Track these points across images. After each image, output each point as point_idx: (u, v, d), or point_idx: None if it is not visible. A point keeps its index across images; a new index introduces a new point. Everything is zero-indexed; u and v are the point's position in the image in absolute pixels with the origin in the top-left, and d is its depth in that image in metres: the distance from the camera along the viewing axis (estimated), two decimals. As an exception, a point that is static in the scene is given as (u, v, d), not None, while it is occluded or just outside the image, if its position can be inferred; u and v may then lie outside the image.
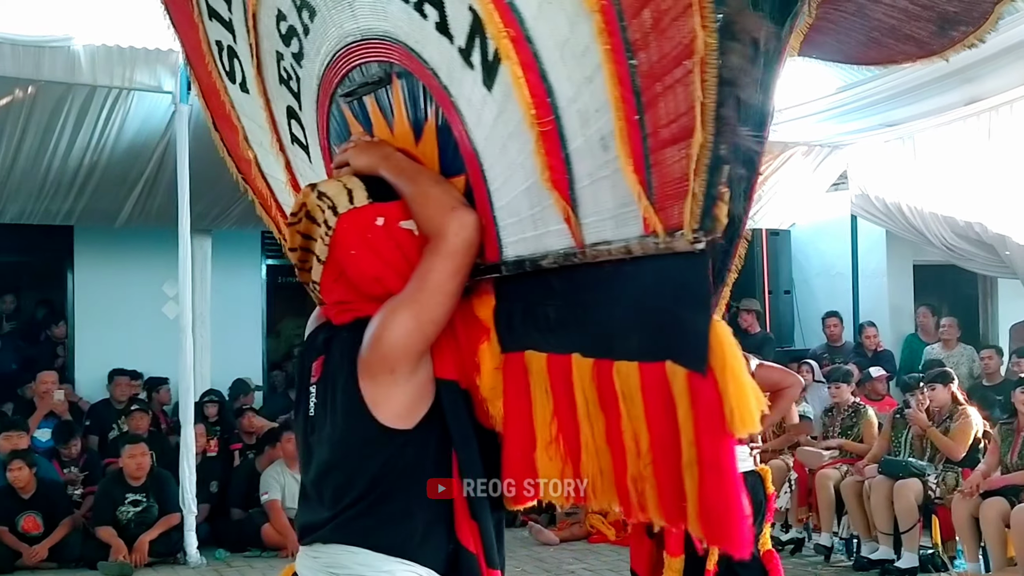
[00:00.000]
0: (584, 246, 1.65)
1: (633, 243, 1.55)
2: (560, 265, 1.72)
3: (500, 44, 1.60)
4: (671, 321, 1.52)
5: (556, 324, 1.75)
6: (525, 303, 1.83)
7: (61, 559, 6.91)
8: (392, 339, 1.79)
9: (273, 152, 2.51)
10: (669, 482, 1.53)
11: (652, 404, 1.55)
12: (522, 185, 1.74)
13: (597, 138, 1.54)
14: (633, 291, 1.59)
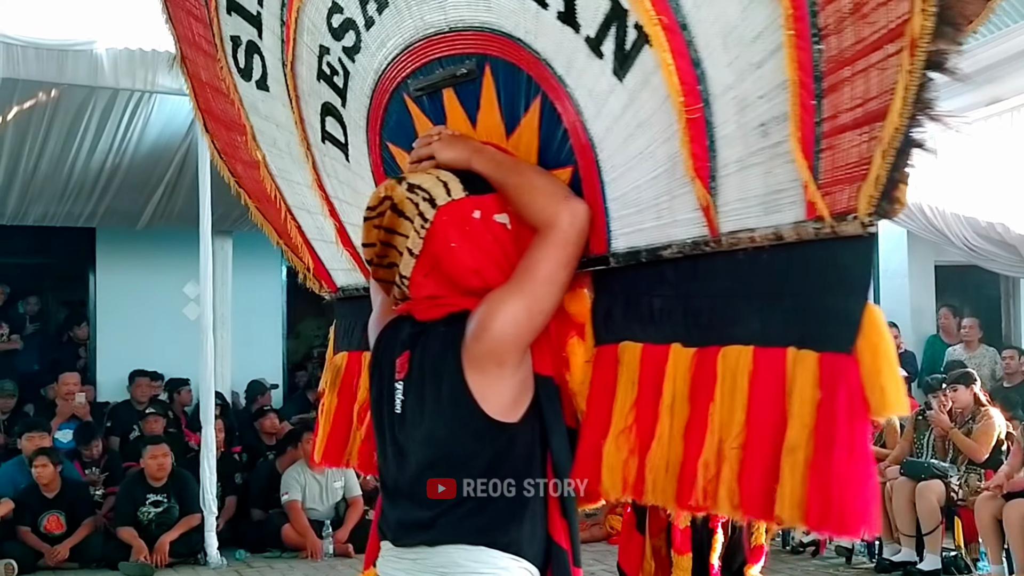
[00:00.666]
0: (719, 234, 1.64)
1: (786, 229, 1.55)
2: (685, 255, 1.71)
3: (651, 31, 1.58)
4: (812, 305, 1.51)
5: (660, 314, 1.74)
6: (628, 294, 1.81)
7: (82, 559, 6.88)
8: (502, 330, 1.75)
9: (294, 152, 2.44)
10: (757, 466, 1.52)
11: (759, 387, 1.54)
12: (647, 175, 1.72)
13: (755, 124, 1.54)
14: (769, 277, 1.59)
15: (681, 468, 1.64)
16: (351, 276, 2.61)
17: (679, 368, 1.68)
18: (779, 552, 7.15)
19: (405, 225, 1.83)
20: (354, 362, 2.53)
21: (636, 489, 1.72)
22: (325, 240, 2.60)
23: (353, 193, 2.36)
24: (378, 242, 1.88)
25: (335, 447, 2.51)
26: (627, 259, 1.81)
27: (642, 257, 1.78)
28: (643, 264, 1.78)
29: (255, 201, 2.73)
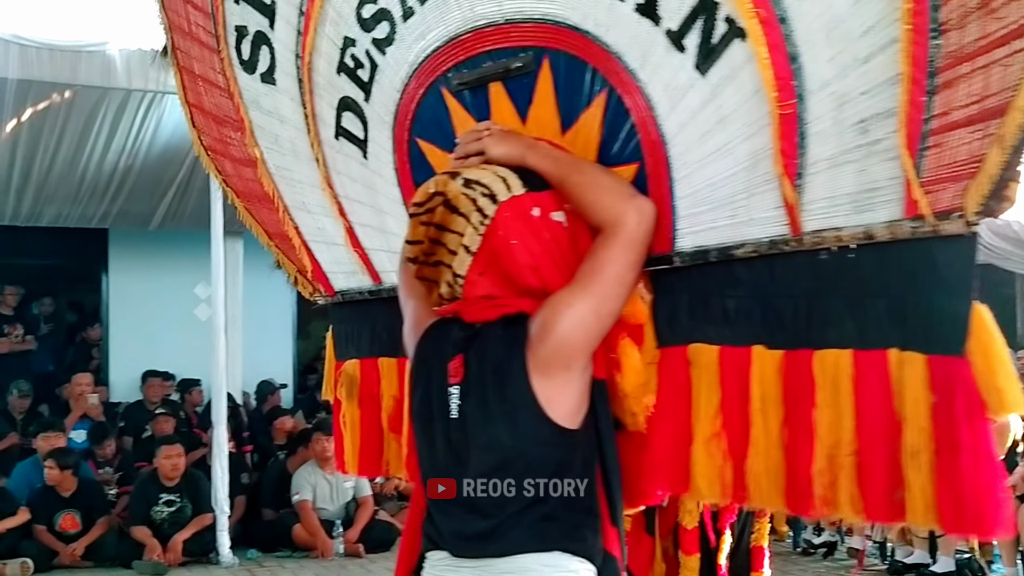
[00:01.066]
0: (802, 233, 1.60)
1: (878, 228, 1.51)
2: (760, 254, 1.66)
3: (749, 25, 1.53)
4: (912, 306, 1.49)
5: (736, 315, 1.70)
6: (695, 295, 1.76)
7: (97, 558, 6.87)
8: (571, 333, 1.69)
9: (299, 149, 2.32)
10: (877, 471, 1.50)
11: (865, 392, 1.52)
12: (724, 172, 1.67)
13: (854, 121, 1.50)
14: (858, 278, 1.55)
15: (788, 475, 1.60)
16: (354, 279, 2.50)
17: (765, 371, 1.64)
18: (790, 554, 7.16)
19: (459, 222, 1.74)
20: (370, 369, 2.44)
21: (737, 494, 1.68)
22: (327, 242, 2.49)
23: (368, 191, 2.26)
24: (426, 239, 1.79)
25: (370, 457, 2.44)
26: (694, 258, 1.76)
27: (711, 256, 1.73)
28: (711, 264, 1.73)
29: (244, 200, 2.60)
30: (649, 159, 1.76)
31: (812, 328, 1.60)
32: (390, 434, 2.37)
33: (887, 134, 1.48)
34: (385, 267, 2.37)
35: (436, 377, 1.81)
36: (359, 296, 2.48)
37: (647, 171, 1.77)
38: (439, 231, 1.77)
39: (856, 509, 1.53)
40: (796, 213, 1.60)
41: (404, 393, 2.26)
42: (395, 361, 2.36)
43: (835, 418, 1.55)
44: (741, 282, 1.71)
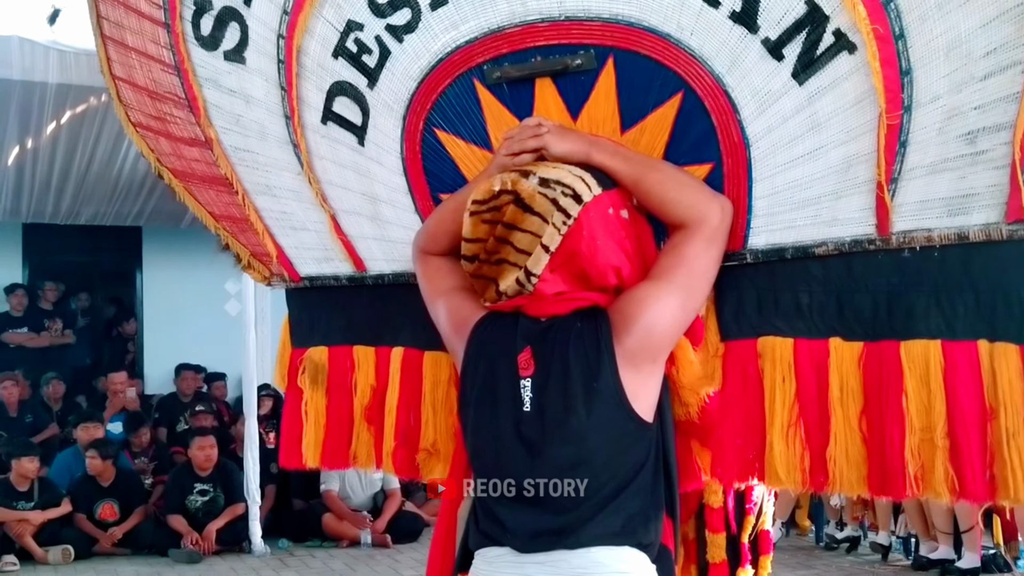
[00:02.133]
0: (890, 234, 1.67)
1: (973, 230, 1.60)
2: (840, 252, 1.71)
3: (864, 40, 1.55)
4: (1002, 300, 1.59)
5: (810, 309, 1.75)
6: (763, 290, 1.79)
7: (134, 546, 6.88)
8: (661, 326, 1.68)
9: (269, 130, 2.15)
10: (972, 453, 1.60)
11: (956, 379, 1.61)
12: (811, 174, 1.70)
13: (961, 133, 1.56)
14: (944, 274, 1.63)
15: (874, 459, 1.67)
16: (328, 266, 2.34)
17: (844, 361, 1.71)
18: (813, 548, 6.99)
19: (533, 221, 1.67)
20: (342, 357, 2.31)
21: (816, 480, 1.73)
22: (293, 226, 2.31)
23: (359, 178, 2.12)
24: (491, 237, 1.71)
25: (336, 448, 2.30)
26: (767, 256, 1.78)
27: (787, 254, 1.76)
28: (783, 261, 1.77)
29: (182, 180, 2.38)
30: (728, 159, 1.75)
31: (895, 321, 1.67)
32: (364, 425, 2.27)
33: (995, 145, 1.55)
34: (374, 255, 2.24)
35: (501, 371, 1.73)
36: (334, 283, 2.34)
37: (724, 171, 1.76)
38: (507, 229, 1.70)
39: (951, 488, 1.62)
40: (887, 215, 1.66)
41: (385, 383, 2.20)
42: (372, 350, 2.26)
43: (926, 404, 1.63)
44: (814, 278, 1.75)
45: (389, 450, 2.20)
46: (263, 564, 6.74)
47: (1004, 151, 1.55)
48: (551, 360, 1.69)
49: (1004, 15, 1.47)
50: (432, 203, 2.04)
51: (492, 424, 1.73)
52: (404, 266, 2.17)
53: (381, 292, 2.23)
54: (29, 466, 6.70)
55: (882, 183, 1.63)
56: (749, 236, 1.79)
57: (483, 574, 1.74)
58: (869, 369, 1.69)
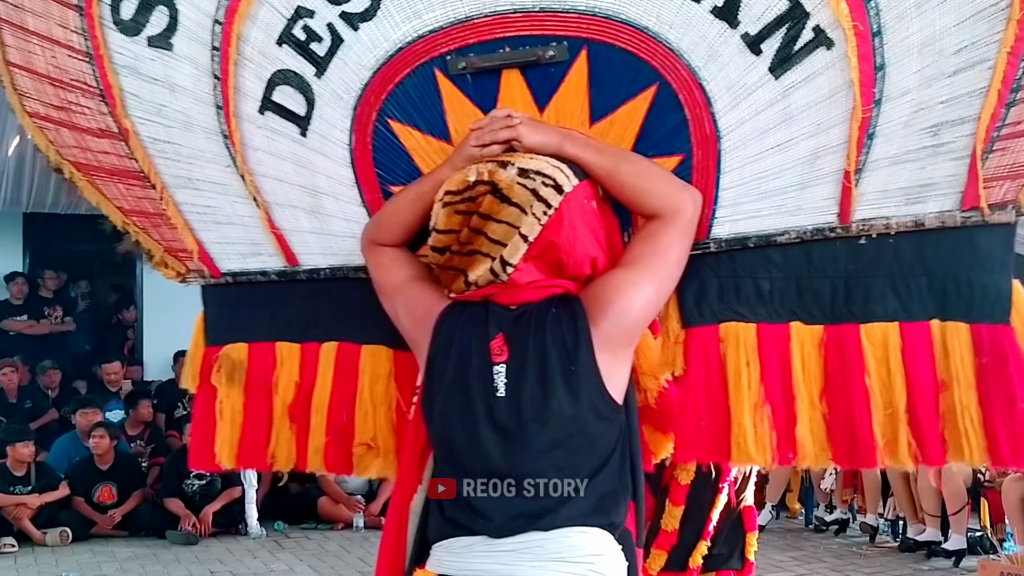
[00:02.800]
0: (851, 222, 1.73)
1: (929, 218, 1.70)
2: (803, 241, 1.77)
3: (843, 36, 1.59)
4: (952, 283, 1.70)
5: (771, 295, 1.80)
6: (724, 277, 1.82)
7: (132, 528, 6.94)
8: (638, 312, 1.70)
9: (196, 120, 2.03)
10: (931, 424, 1.71)
11: (913, 358, 1.72)
12: (779, 165, 1.73)
13: (926, 126, 1.64)
14: (898, 259, 1.72)
15: (843, 434, 1.75)
16: (254, 260, 2.21)
17: (805, 344, 1.77)
18: (802, 531, 7.06)
19: (510, 212, 1.64)
20: (263, 354, 2.19)
21: (783, 456, 1.79)
22: (216, 220, 2.18)
23: (299, 170, 2.02)
24: (465, 228, 1.68)
25: (253, 447, 2.19)
26: (730, 244, 1.81)
27: (750, 243, 1.80)
28: (746, 249, 1.80)
29: (87, 174, 2.20)
30: (698, 151, 1.76)
31: (853, 305, 1.75)
32: (285, 423, 2.17)
33: (956, 138, 1.63)
34: (309, 249, 2.13)
35: (474, 357, 1.69)
36: (260, 278, 2.21)
37: (694, 163, 1.77)
38: (483, 220, 1.66)
39: (913, 455, 1.72)
40: (848, 204, 1.72)
41: (311, 380, 2.13)
42: (298, 347, 2.17)
43: (887, 382, 1.73)
44: (775, 265, 1.80)
45: (318, 447, 2.12)
46: (259, 546, 6.79)
47: (965, 143, 1.63)
48: (527, 345, 1.67)
49: (979, 15, 1.54)
50: (381, 195, 1.97)
51: (463, 412, 1.69)
52: (344, 260, 2.10)
53: (315, 287, 2.15)
54: (23, 451, 6.73)
55: (850, 173, 1.68)
56: (714, 225, 1.81)
57: (449, 565, 1.69)
58: (830, 351, 1.76)
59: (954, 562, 5.91)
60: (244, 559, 6.37)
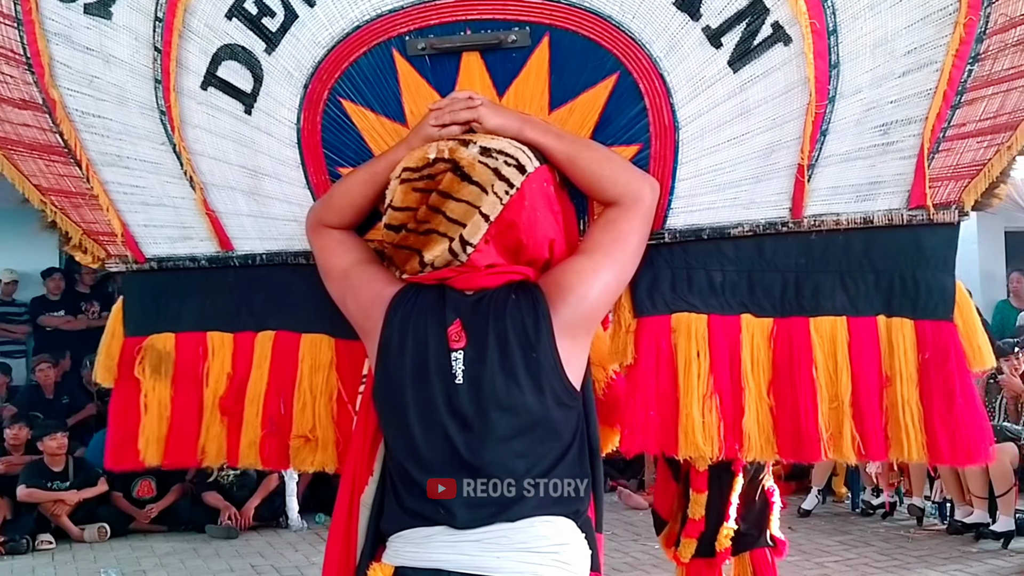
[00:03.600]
0: (803, 216, 1.77)
1: (878, 215, 1.74)
2: (755, 234, 1.79)
3: (801, 33, 1.63)
4: (899, 281, 1.75)
5: (723, 287, 1.82)
6: (677, 269, 1.83)
7: (171, 523, 6.86)
8: (598, 298, 1.69)
9: (132, 94, 1.93)
10: (874, 418, 1.75)
11: (860, 352, 1.76)
12: (735, 158, 1.75)
13: (876, 124, 1.69)
14: (847, 256, 1.77)
15: (789, 427, 1.76)
16: (183, 245, 2.11)
17: (755, 337, 1.80)
18: (849, 515, 6.92)
19: (470, 191, 1.62)
20: (192, 344, 2.10)
21: (730, 448, 1.79)
22: (145, 201, 2.08)
23: (240, 150, 1.94)
24: (422, 206, 1.64)
25: (182, 443, 2.09)
26: (684, 236, 1.82)
27: (704, 235, 1.81)
28: (699, 241, 1.81)
29: (5, 148, 2.07)
30: (657, 142, 1.77)
31: (803, 299, 1.79)
32: (216, 417, 2.08)
33: (904, 137, 1.69)
34: (246, 233, 2.05)
35: (431, 344, 1.65)
36: (189, 264, 2.11)
37: (652, 152, 1.78)
38: (442, 198, 1.63)
39: (856, 449, 1.75)
40: (800, 199, 1.75)
41: (245, 371, 2.05)
42: (231, 336, 2.08)
43: (834, 376, 1.76)
44: (727, 257, 1.82)
45: (253, 441, 2.04)
46: (300, 539, 6.67)
47: (913, 142, 1.69)
48: (486, 331, 1.63)
49: (928, 18, 1.60)
50: (328, 177, 1.91)
51: (421, 400, 1.64)
52: (283, 245, 2.03)
53: (249, 273, 2.06)
54: (51, 444, 6.61)
55: (803, 167, 1.71)
56: (669, 216, 1.82)
57: (408, 556, 1.64)
58: (779, 344, 1.79)
59: (1003, 544, 5.85)
60: (285, 552, 6.27)
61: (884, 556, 5.78)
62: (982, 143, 1.68)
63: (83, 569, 5.96)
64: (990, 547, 5.83)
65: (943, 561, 5.62)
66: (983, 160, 1.68)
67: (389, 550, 1.67)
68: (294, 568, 5.93)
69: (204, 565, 6.04)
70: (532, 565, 1.58)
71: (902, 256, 1.75)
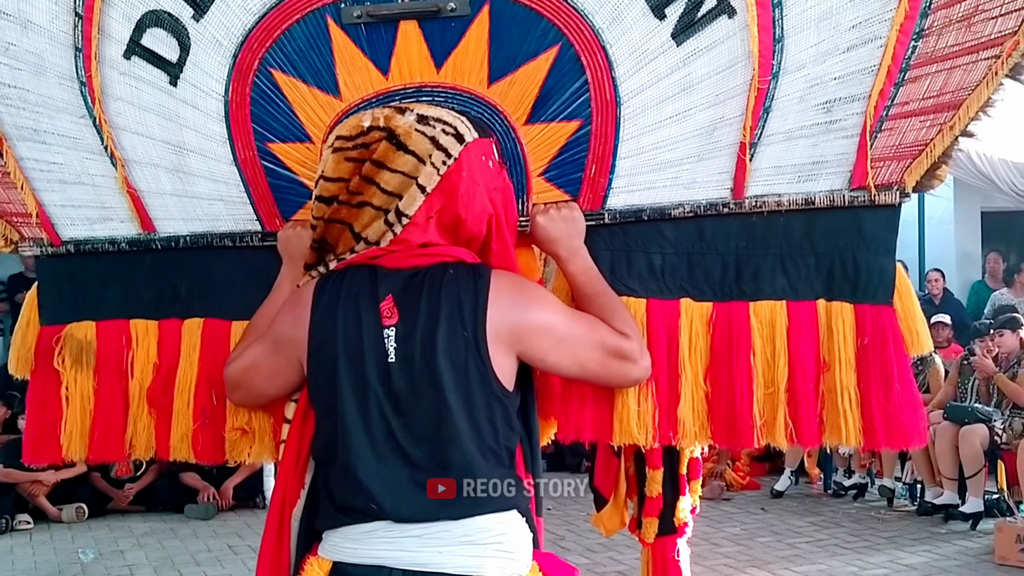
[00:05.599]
0: (744, 197, 1.71)
1: (819, 196, 1.69)
2: (696, 215, 1.73)
3: (745, 4, 1.57)
4: (839, 264, 1.69)
5: (663, 271, 1.76)
6: (617, 251, 1.77)
7: (149, 503, 6.77)
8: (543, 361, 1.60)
9: (49, 64, 1.81)
10: (809, 403, 1.69)
11: (798, 337, 1.70)
12: (677, 136, 1.69)
13: (820, 102, 1.64)
14: (788, 238, 1.71)
15: (724, 413, 1.70)
16: (103, 227, 1.98)
17: (694, 321, 1.73)
18: (821, 495, 6.89)
19: (406, 160, 1.53)
20: (115, 332, 1.97)
21: (664, 435, 1.72)
22: (63, 180, 1.94)
23: (165, 124, 1.83)
24: (356, 176, 1.55)
25: (108, 436, 1.96)
26: (624, 216, 1.76)
27: (644, 215, 1.75)
28: (638, 222, 1.75)
29: None
30: (598, 118, 1.71)
31: (743, 282, 1.73)
32: (143, 409, 1.95)
33: (848, 115, 1.64)
34: (169, 214, 1.93)
35: (364, 321, 1.54)
36: (109, 247, 1.98)
37: (592, 129, 1.71)
38: (376, 168, 1.54)
39: (790, 437, 1.70)
40: (742, 179, 1.70)
41: (172, 360, 1.93)
42: (155, 324, 1.96)
43: (771, 361, 1.71)
44: (667, 240, 1.76)
45: (184, 433, 1.91)
46: None
47: (856, 121, 1.64)
48: (418, 307, 1.54)
49: None
50: (256, 153, 1.79)
51: (354, 382, 1.53)
52: (207, 226, 1.91)
53: (173, 257, 1.94)
54: None
55: (745, 145, 1.66)
56: (609, 196, 1.76)
57: (347, 552, 1.53)
58: (719, 328, 1.73)
59: (971, 525, 5.83)
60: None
61: (854, 537, 5.78)
62: (924, 122, 1.63)
63: (61, 549, 5.90)
64: (959, 528, 5.84)
65: (912, 542, 5.62)
66: (925, 140, 1.63)
67: (326, 543, 1.57)
68: (272, 548, 5.87)
69: (182, 545, 5.96)
70: (476, 558, 1.50)
71: (843, 239, 1.69)
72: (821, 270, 1.70)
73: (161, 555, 5.73)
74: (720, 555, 5.36)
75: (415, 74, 1.70)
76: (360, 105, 1.70)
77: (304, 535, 1.63)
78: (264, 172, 1.81)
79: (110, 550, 5.83)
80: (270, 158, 1.80)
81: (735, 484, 6.98)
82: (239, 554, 5.68)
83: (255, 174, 1.81)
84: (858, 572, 5.05)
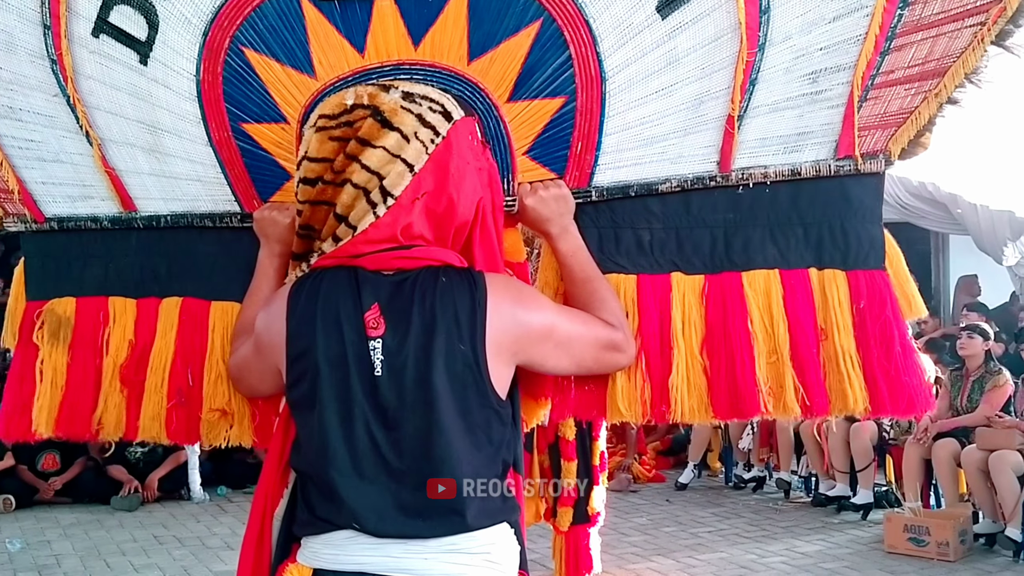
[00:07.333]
0: (730, 170, 1.66)
1: (805, 166, 1.65)
2: (683, 189, 1.68)
3: None
4: (828, 232, 1.65)
5: (651, 246, 1.70)
6: (605, 228, 1.71)
7: (75, 495, 6.69)
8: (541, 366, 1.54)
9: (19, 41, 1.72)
10: (812, 370, 1.64)
11: (795, 304, 1.66)
12: (663, 110, 1.63)
13: (805, 72, 1.59)
14: (775, 209, 1.66)
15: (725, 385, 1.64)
16: (84, 205, 1.91)
17: (686, 294, 1.68)
18: (722, 488, 7.09)
19: (390, 138, 1.45)
20: (93, 309, 1.90)
21: (657, 411, 1.67)
22: (42, 157, 1.87)
23: (137, 104, 1.75)
24: (339, 155, 1.47)
25: (77, 414, 1.88)
26: (612, 193, 1.70)
27: (632, 191, 1.70)
28: (626, 199, 1.69)
29: None
30: (583, 94, 1.63)
31: (733, 254, 1.68)
32: (115, 387, 1.88)
33: (833, 85, 1.59)
34: (148, 193, 1.86)
35: (347, 331, 1.43)
36: (91, 225, 1.91)
37: (577, 106, 1.63)
38: (360, 146, 1.46)
39: (802, 404, 1.64)
40: (728, 152, 1.65)
41: (147, 339, 1.85)
42: (133, 302, 1.89)
43: (770, 329, 1.66)
44: (654, 215, 1.70)
45: (157, 413, 1.84)
46: (201, 510, 6.57)
47: (841, 91, 1.59)
48: (409, 318, 1.43)
49: None
50: (230, 133, 1.71)
51: (337, 395, 1.43)
52: (187, 206, 1.84)
53: (154, 236, 1.87)
54: None
55: (733, 117, 1.61)
56: (596, 173, 1.69)
57: (328, 559, 1.44)
58: (712, 300, 1.68)
59: (862, 515, 6.05)
60: (187, 523, 6.14)
61: (753, 527, 5.96)
62: (909, 90, 1.58)
63: (-12, 539, 5.86)
64: (851, 518, 6.04)
65: (807, 531, 5.81)
66: (910, 108, 1.59)
67: (306, 550, 1.47)
68: (195, 538, 5.80)
69: (108, 536, 5.90)
70: (461, 567, 1.41)
71: (830, 208, 1.66)
72: (810, 239, 1.66)
73: (87, 545, 5.67)
74: (628, 544, 5.49)
75: (392, 52, 1.60)
76: (336, 84, 1.62)
77: (283, 538, 1.53)
78: (240, 153, 1.72)
79: (37, 540, 5.76)
80: (245, 139, 1.71)
81: (642, 477, 7.18)
82: (164, 544, 5.67)
83: (231, 155, 1.73)
84: (757, 560, 5.19)
